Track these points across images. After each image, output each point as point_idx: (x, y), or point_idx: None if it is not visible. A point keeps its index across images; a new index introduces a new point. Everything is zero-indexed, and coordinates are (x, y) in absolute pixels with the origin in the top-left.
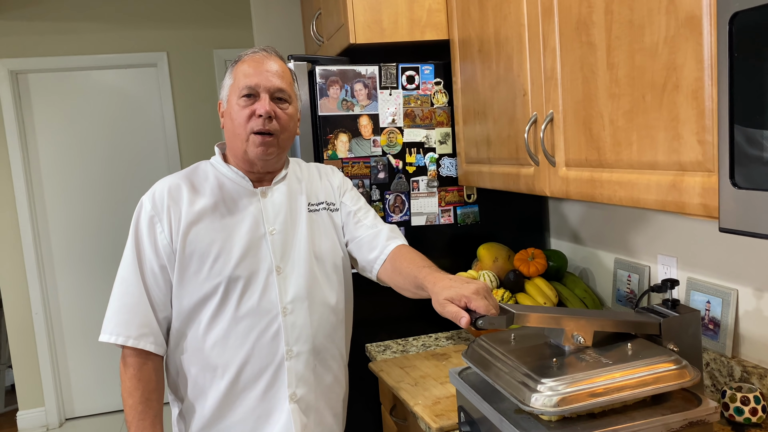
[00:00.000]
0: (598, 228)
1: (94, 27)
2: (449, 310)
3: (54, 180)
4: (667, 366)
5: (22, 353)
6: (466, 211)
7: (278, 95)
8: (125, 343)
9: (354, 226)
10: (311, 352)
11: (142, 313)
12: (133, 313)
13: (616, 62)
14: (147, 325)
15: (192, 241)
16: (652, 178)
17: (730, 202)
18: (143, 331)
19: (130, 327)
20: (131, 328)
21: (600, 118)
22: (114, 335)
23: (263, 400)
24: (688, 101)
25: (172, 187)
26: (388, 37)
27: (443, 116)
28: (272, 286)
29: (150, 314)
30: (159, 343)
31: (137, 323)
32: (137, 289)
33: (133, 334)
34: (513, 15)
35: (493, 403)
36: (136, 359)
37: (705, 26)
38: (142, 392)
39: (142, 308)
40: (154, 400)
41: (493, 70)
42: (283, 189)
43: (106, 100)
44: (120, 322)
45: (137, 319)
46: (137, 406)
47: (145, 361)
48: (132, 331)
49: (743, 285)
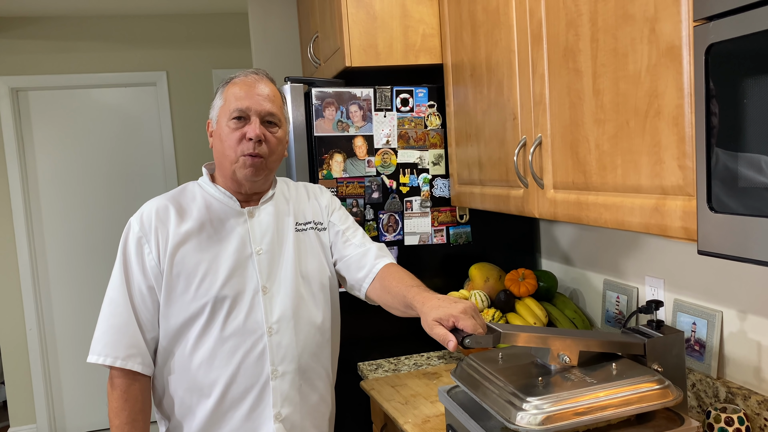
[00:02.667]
0: (588, 249)
1: (95, 46)
2: (437, 332)
3: (51, 196)
4: (651, 386)
5: (14, 369)
6: (458, 231)
7: (268, 119)
8: (113, 364)
9: (342, 245)
10: (297, 371)
11: (129, 334)
12: (121, 333)
13: (601, 88)
14: (135, 346)
15: (179, 262)
16: (636, 201)
17: (707, 225)
18: (131, 352)
19: (117, 348)
20: (119, 349)
21: (586, 142)
22: (102, 356)
23: (248, 419)
24: (669, 127)
25: (159, 209)
26: (383, 61)
27: (436, 138)
28: (258, 305)
29: (138, 335)
30: (147, 363)
31: (125, 344)
32: (125, 309)
33: (121, 354)
34: (504, 41)
35: (480, 422)
36: (123, 380)
37: (684, 56)
38: (128, 413)
39: (130, 329)
40: (140, 420)
41: (484, 94)
42: (270, 209)
43: (105, 118)
44: (108, 342)
45: (125, 340)
46: (123, 426)
47: (132, 382)
48: (120, 351)
49: (728, 307)
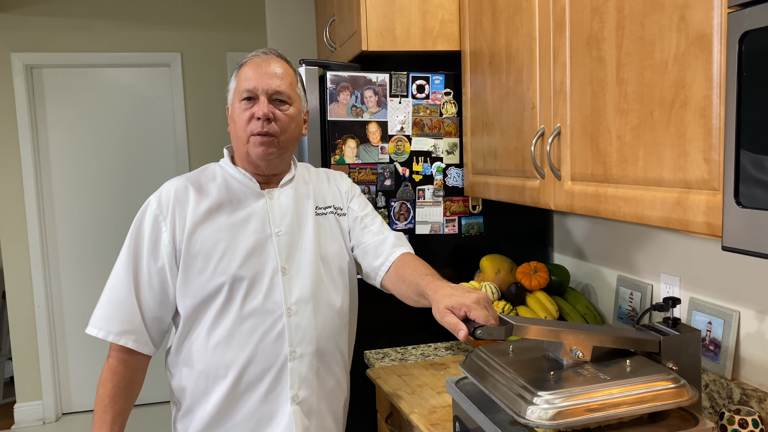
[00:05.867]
0: (602, 244)
1: (110, 25)
2: (448, 320)
3: (63, 175)
4: (666, 384)
5: (22, 346)
6: (470, 221)
7: (277, 97)
8: (106, 338)
9: (360, 232)
10: (315, 354)
11: (126, 310)
12: (118, 309)
13: (625, 78)
14: (130, 322)
15: (197, 241)
16: (657, 194)
17: (733, 221)
18: (125, 328)
19: (112, 322)
20: (113, 324)
21: (607, 133)
22: (96, 328)
23: (265, 401)
24: (695, 119)
25: (179, 189)
26: (400, 46)
27: (452, 126)
28: (277, 286)
29: (135, 312)
30: (142, 341)
31: (120, 319)
32: (126, 286)
33: (114, 330)
34: (525, 28)
35: (488, 414)
36: (117, 354)
37: (715, 44)
38: (113, 386)
39: (127, 305)
40: (122, 397)
41: (502, 83)
42: (290, 192)
43: (118, 97)
44: (104, 316)
45: (121, 316)
46: (104, 398)
47: (125, 358)
48: (114, 326)
49: (745, 307)
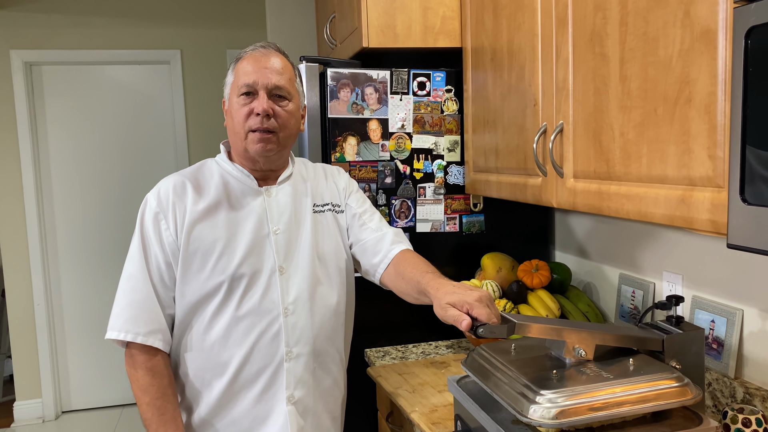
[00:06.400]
0: (603, 242)
1: (110, 22)
2: (450, 313)
3: (62, 172)
4: (669, 383)
5: (22, 344)
6: (471, 219)
7: (276, 92)
8: (134, 340)
9: (359, 229)
10: (311, 354)
11: (150, 309)
12: (142, 309)
13: (628, 74)
14: (156, 322)
15: (196, 239)
16: (660, 192)
17: (739, 218)
18: (152, 328)
19: (138, 324)
20: (140, 325)
21: (610, 130)
22: (123, 332)
23: (261, 400)
24: (700, 116)
25: (177, 185)
26: (401, 43)
27: (453, 124)
28: (275, 285)
29: (158, 311)
30: (167, 340)
31: (146, 320)
32: (145, 285)
33: (142, 331)
34: (527, 24)
35: (490, 413)
36: (145, 356)
37: (720, 40)
38: (157, 387)
39: (150, 305)
40: (170, 394)
41: (504, 80)
42: (287, 189)
43: (118, 95)
44: (129, 318)
45: (146, 316)
46: (155, 401)
47: (153, 357)
48: (141, 327)
49: (749, 305)
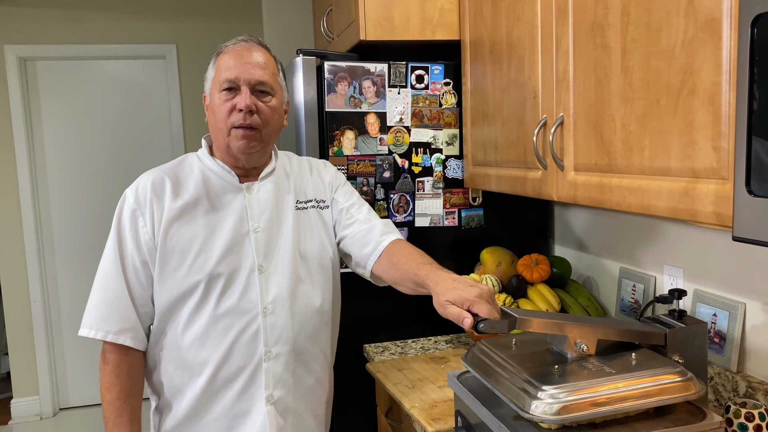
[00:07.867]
0: (604, 236)
1: (105, 16)
2: (451, 311)
3: (58, 168)
4: (672, 378)
5: (18, 341)
6: (470, 214)
7: (259, 88)
8: (104, 338)
9: (347, 223)
10: (291, 353)
11: (122, 308)
12: (114, 307)
13: (630, 65)
14: (127, 320)
15: (173, 237)
16: (663, 184)
17: (745, 210)
18: (123, 326)
19: (109, 322)
20: (111, 323)
21: (612, 122)
22: (93, 330)
23: (239, 400)
24: (704, 106)
25: (155, 181)
26: (399, 35)
27: (451, 117)
28: (254, 285)
29: (130, 309)
30: (139, 338)
31: (117, 318)
32: (118, 283)
33: (113, 329)
34: (526, 16)
35: (491, 409)
36: (115, 355)
37: (725, 29)
38: (120, 388)
39: (123, 303)
40: (132, 396)
41: (503, 72)
42: (269, 186)
43: (113, 90)
44: (100, 316)
45: (117, 314)
46: (115, 402)
47: (124, 357)
48: (112, 326)
49: (751, 298)
